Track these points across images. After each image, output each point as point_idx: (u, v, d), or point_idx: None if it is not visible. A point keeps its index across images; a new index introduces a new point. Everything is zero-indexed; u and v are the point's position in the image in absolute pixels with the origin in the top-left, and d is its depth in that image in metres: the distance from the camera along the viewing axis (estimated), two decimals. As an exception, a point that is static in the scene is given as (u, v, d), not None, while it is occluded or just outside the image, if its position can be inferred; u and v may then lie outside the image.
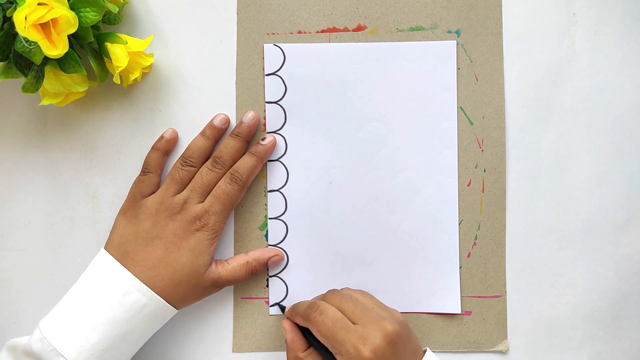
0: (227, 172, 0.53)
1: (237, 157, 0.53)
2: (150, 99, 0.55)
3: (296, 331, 0.50)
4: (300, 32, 0.55)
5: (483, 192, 0.54)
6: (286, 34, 0.55)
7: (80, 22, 0.48)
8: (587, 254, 0.54)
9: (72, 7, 0.48)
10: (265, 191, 0.55)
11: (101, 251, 0.52)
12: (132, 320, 0.49)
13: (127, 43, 0.51)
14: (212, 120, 0.54)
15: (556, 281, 0.54)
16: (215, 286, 0.52)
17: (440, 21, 0.54)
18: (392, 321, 0.47)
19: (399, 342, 0.46)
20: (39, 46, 0.46)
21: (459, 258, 0.54)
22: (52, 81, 0.50)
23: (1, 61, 0.49)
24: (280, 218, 0.55)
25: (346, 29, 0.55)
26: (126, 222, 0.52)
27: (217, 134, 0.54)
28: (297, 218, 0.55)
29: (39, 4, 0.45)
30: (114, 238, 0.52)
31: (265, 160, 0.54)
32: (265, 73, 0.55)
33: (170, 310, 0.51)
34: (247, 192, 0.54)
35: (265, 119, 0.55)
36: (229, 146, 0.53)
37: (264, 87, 0.55)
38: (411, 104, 0.54)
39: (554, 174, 0.55)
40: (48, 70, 0.50)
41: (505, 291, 0.54)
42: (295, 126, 0.55)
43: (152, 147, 0.54)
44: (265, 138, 0.54)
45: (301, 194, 0.55)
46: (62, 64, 0.49)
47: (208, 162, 0.53)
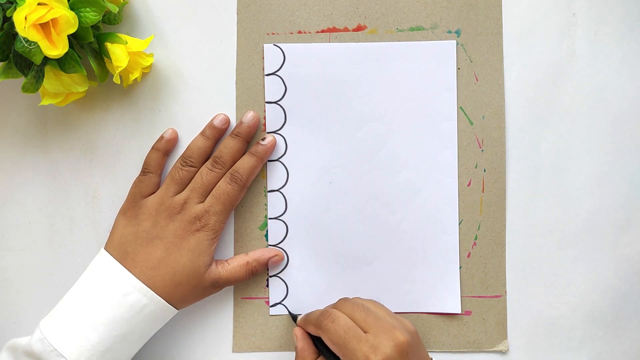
0: (227, 172, 0.53)
1: (237, 157, 0.53)
2: (150, 99, 0.55)
3: (307, 339, 0.50)
4: (300, 32, 0.55)
5: (483, 192, 0.54)
6: (286, 34, 0.55)
7: (80, 22, 0.48)
8: (587, 254, 0.54)
9: (72, 7, 0.48)
10: (265, 191, 0.55)
11: (101, 251, 0.52)
12: (132, 320, 0.49)
13: (127, 43, 0.51)
14: (212, 121, 0.54)
15: (556, 281, 0.54)
16: (216, 286, 0.52)
17: (440, 21, 0.54)
18: (404, 331, 0.47)
19: (409, 352, 0.46)
20: (39, 46, 0.46)
21: (459, 258, 0.54)
22: (52, 81, 0.50)
23: (1, 61, 0.49)
24: (280, 218, 0.55)
25: (346, 29, 0.55)
26: (126, 222, 0.52)
27: (217, 134, 0.54)
28: (297, 218, 0.55)
29: (39, 4, 0.45)
30: (114, 238, 0.52)
31: (265, 160, 0.54)
32: (265, 73, 0.55)
33: (171, 311, 0.51)
34: (247, 192, 0.54)
35: (265, 119, 0.55)
36: (229, 146, 0.53)
37: (264, 87, 0.55)
38: (411, 104, 0.54)
39: (554, 174, 0.55)
40: (48, 70, 0.50)
41: (505, 291, 0.54)
42: (295, 126, 0.55)
43: (152, 147, 0.54)
44: (265, 138, 0.54)
45: (301, 194, 0.55)
46: (62, 64, 0.49)
47: (208, 162, 0.53)
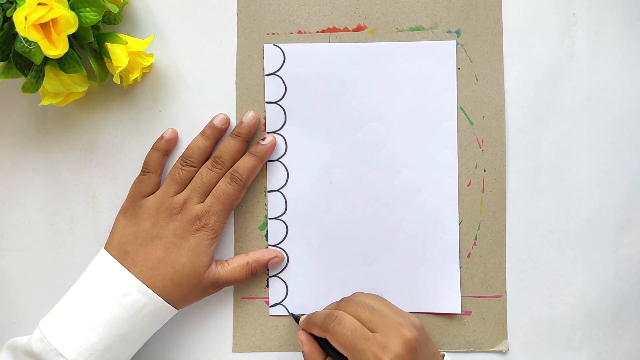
0: (227, 172, 0.53)
1: (237, 157, 0.53)
2: (150, 99, 0.55)
3: (313, 342, 0.49)
4: (300, 32, 0.55)
5: (483, 192, 0.54)
6: (286, 34, 0.55)
7: (80, 22, 0.48)
8: (587, 254, 0.54)
9: (72, 7, 0.48)
10: (265, 191, 0.55)
11: (101, 251, 0.52)
12: (132, 320, 0.49)
13: (127, 43, 0.51)
14: (212, 120, 0.54)
15: (556, 281, 0.54)
16: (215, 286, 0.52)
17: (440, 21, 0.54)
18: (411, 327, 0.47)
19: (418, 348, 0.46)
20: (39, 46, 0.46)
21: (459, 258, 0.54)
22: (52, 81, 0.50)
23: (1, 61, 0.49)
24: (280, 218, 0.55)
25: (346, 29, 0.55)
26: (126, 222, 0.52)
27: (217, 134, 0.54)
28: (297, 218, 0.55)
29: (39, 4, 0.45)
30: (114, 238, 0.52)
31: (265, 160, 0.54)
32: (265, 73, 0.55)
33: (170, 310, 0.51)
34: (247, 192, 0.54)
35: (265, 119, 0.55)
36: (229, 146, 0.53)
37: (264, 87, 0.55)
38: (411, 104, 0.54)
39: (554, 174, 0.55)
40: (48, 70, 0.50)
41: (505, 291, 0.54)
42: (295, 126, 0.55)
43: (152, 147, 0.54)
44: (265, 138, 0.54)
45: (301, 194, 0.55)
46: (62, 64, 0.49)
47: (208, 162, 0.53)
